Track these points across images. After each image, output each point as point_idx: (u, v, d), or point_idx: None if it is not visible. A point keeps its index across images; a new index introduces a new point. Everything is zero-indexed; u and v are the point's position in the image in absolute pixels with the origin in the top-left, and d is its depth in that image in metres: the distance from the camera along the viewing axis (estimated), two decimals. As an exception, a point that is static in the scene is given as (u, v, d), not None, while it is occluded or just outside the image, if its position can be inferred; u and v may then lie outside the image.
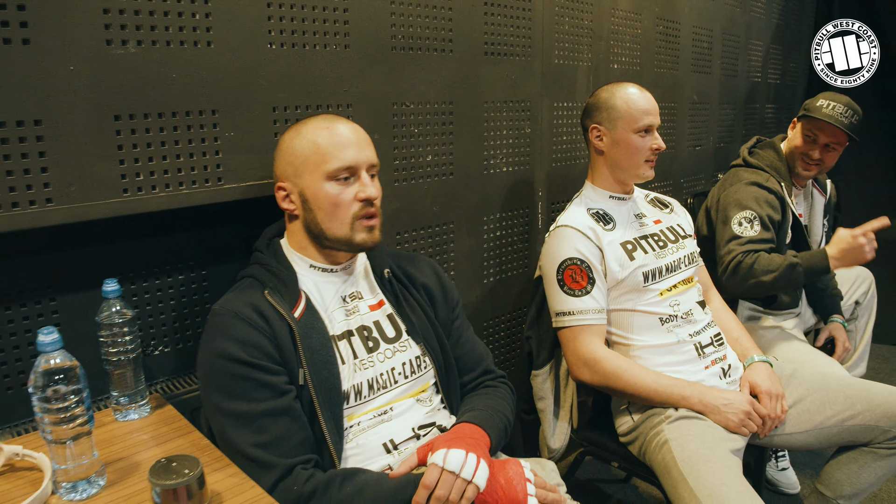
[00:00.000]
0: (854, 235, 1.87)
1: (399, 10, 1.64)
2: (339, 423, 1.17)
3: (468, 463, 1.10)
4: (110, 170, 1.21)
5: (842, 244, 1.89)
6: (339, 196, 1.22)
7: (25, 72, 1.10)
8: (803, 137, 2.24)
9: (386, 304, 1.34)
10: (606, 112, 1.76)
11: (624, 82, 1.80)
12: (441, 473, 1.09)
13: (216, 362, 1.13)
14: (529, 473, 1.18)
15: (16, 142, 1.11)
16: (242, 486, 1.05)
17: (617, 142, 1.75)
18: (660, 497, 2.36)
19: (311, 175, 1.23)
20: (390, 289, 1.35)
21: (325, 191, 1.22)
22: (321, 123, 1.25)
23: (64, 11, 1.12)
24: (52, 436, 0.99)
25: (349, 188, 1.23)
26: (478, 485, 1.10)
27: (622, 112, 1.74)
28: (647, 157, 1.76)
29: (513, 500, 1.13)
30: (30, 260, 1.27)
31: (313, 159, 1.22)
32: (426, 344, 1.33)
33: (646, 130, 1.74)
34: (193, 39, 1.27)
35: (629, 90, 1.76)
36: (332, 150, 1.22)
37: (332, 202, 1.22)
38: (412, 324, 1.32)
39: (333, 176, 1.22)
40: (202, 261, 1.50)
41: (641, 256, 1.74)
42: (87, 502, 1.01)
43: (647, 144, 1.74)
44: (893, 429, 1.62)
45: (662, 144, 1.76)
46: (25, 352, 1.28)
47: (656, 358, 1.71)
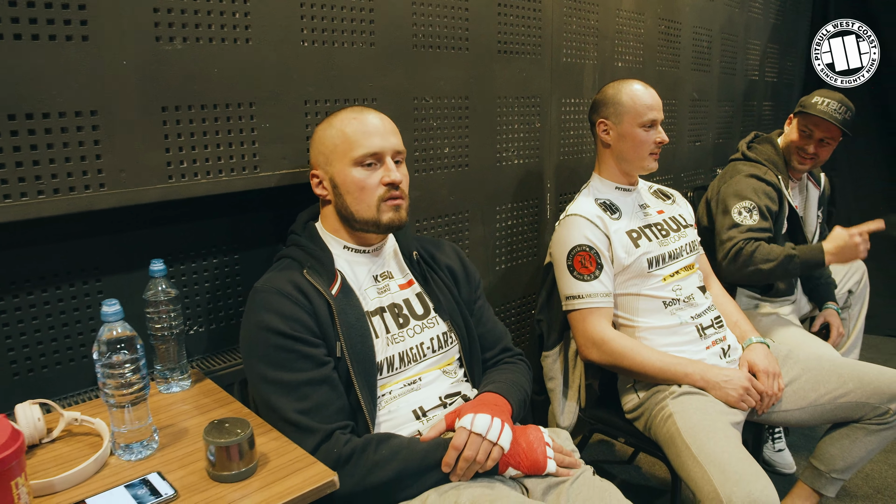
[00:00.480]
0: (851, 234, 1.98)
1: (420, 11, 1.73)
2: (373, 392, 1.27)
3: (493, 426, 1.20)
4: (157, 157, 1.31)
5: (838, 241, 2.00)
6: (366, 181, 1.32)
7: (84, 66, 1.19)
8: (799, 133, 2.34)
9: (415, 284, 1.43)
10: (613, 107, 1.86)
11: (629, 79, 1.90)
12: (469, 436, 1.18)
13: (261, 335, 1.22)
14: (548, 438, 1.28)
15: (74, 131, 1.20)
16: (286, 447, 1.14)
17: (623, 135, 1.85)
18: (662, 477, 2.47)
19: (340, 162, 1.33)
20: (419, 269, 1.44)
21: (352, 176, 1.32)
22: (350, 115, 1.35)
23: (119, 10, 1.21)
24: (113, 399, 1.08)
25: (375, 173, 1.32)
26: (502, 446, 1.20)
27: (628, 107, 1.84)
28: (652, 150, 1.86)
29: (533, 461, 1.23)
30: (77, 242, 1.35)
31: (342, 147, 1.32)
32: (452, 321, 1.42)
33: (650, 125, 1.84)
34: (234, 37, 1.37)
35: (634, 87, 1.86)
36: (358, 138, 1.31)
37: (358, 186, 1.32)
38: (439, 302, 1.42)
39: (360, 162, 1.31)
40: (235, 245, 1.59)
41: (646, 244, 1.83)
42: (143, 462, 1.10)
43: (651, 138, 1.84)
44: (883, 405, 1.73)
45: (665, 138, 1.86)
46: (73, 329, 1.37)
47: (660, 339, 1.81)
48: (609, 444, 2.69)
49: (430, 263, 1.47)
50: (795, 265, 2.02)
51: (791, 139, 2.36)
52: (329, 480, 1.05)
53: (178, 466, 1.08)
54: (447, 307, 1.42)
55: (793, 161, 2.37)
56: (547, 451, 1.25)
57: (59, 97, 1.17)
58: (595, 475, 1.30)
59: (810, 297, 2.50)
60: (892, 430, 1.75)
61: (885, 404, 1.73)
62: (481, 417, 1.21)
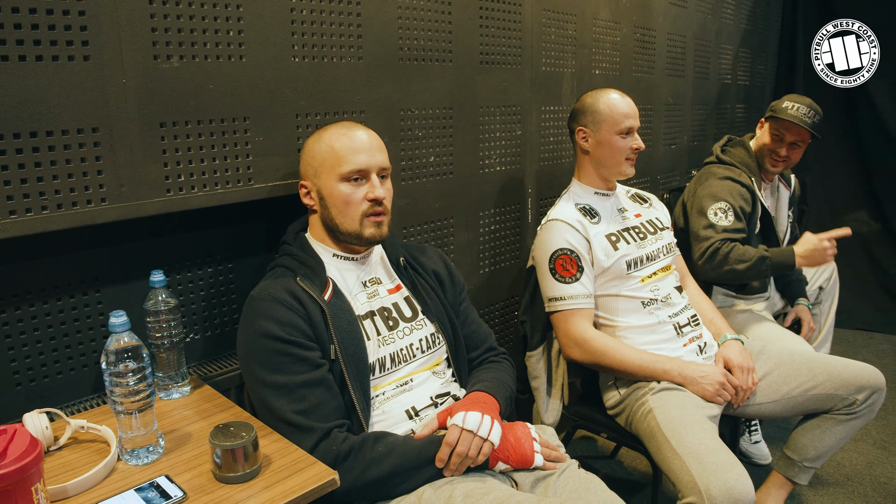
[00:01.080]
0: (820, 239, 2.11)
1: (406, 25, 1.79)
2: (366, 393, 1.33)
3: (484, 423, 1.27)
4: (156, 171, 1.35)
5: (808, 245, 2.13)
6: (351, 196, 1.38)
7: (86, 85, 1.23)
8: (771, 136, 2.43)
9: (403, 288, 1.50)
10: (591, 116, 1.94)
11: (607, 88, 1.98)
12: (461, 432, 1.25)
13: (258, 341, 1.28)
14: (535, 434, 1.35)
15: (76, 147, 1.24)
16: (287, 449, 1.20)
17: (601, 142, 1.93)
18: (643, 470, 2.55)
19: (327, 176, 1.39)
20: (406, 274, 1.51)
21: (339, 190, 1.38)
22: (340, 130, 1.41)
23: (118, 30, 1.26)
24: (122, 406, 1.12)
25: (360, 189, 1.39)
26: (493, 442, 1.27)
27: (605, 116, 1.92)
28: (628, 156, 1.94)
29: (522, 456, 1.30)
30: (80, 254, 1.39)
31: (330, 162, 1.38)
32: (439, 323, 1.49)
33: (627, 132, 1.92)
34: (228, 54, 1.42)
35: (611, 95, 1.94)
36: (346, 154, 1.37)
37: (344, 201, 1.38)
38: (427, 305, 1.49)
39: (347, 177, 1.38)
40: (229, 254, 1.64)
41: (624, 247, 1.91)
42: (150, 466, 1.14)
43: (627, 144, 1.92)
44: (850, 396, 1.82)
45: (642, 144, 1.94)
46: (74, 339, 1.41)
47: (639, 337, 1.89)
48: (591, 439, 2.77)
49: (416, 269, 1.53)
50: (767, 266, 2.12)
51: (763, 142, 2.46)
52: (330, 479, 1.10)
53: (184, 469, 1.13)
54: (434, 310, 1.49)
55: (765, 163, 2.46)
56: (534, 446, 1.32)
57: (62, 115, 1.21)
58: (580, 468, 1.37)
59: (783, 293, 2.60)
60: (859, 419, 1.85)
61: (853, 395, 1.82)
62: (472, 415, 1.28)
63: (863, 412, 1.84)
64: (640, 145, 1.94)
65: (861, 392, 1.82)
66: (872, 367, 1.87)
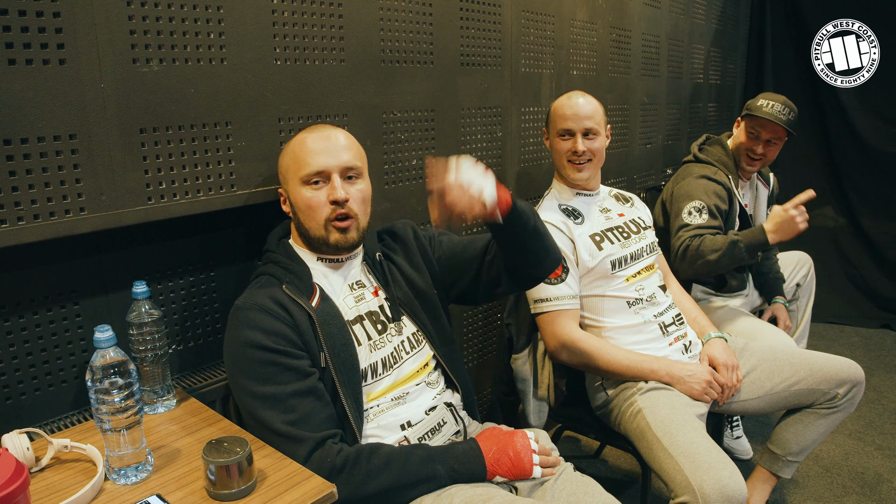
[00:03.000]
0: (786, 209, 2.08)
1: (387, 27, 1.77)
2: (358, 400, 1.30)
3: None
4: (137, 179, 1.31)
5: (776, 218, 2.09)
6: (312, 199, 1.34)
7: (62, 90, 1.18)
8: (747, 134, 2.46)
9: (382, 290, 1.46)
10: (548, 118, 1.99)
11: (575, 91, 1.99)
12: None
13: (245, 351, 1.24)
14: (535, 444, 1.34)
15: (53, 155, 1.19)
16: (281, 462, 1.16)
17: (551, 145, 1.98)
18: (627, 469, 2.56)
19: (292, 181, 1.37)
20: (381, 272, 1.47)
21: (302, 195, 1.35)
22: (304, 134, 1.38)
23: (95, 33, 1.21)
24: (109, 424, 1.08)
25: (321, 192, 1.35)
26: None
27: (551, 118, 1.96)
28: (570, 158, 1.93)
29: (521, 471, 1.30)
30: (57, 265, 1.34)
31: (293, 167, 1.36)
32: (415, 319, 1.46)
33: (564, 134, 1.92)
34: (209, 57, 1.38)
35: (563, 98, 1.96)
36: (305, 156, 1.34)
37: (307, 205, 1.35)
38: (402, 303, 1.46)
39: (306, 181, 1.34)
40: (210, 262, 1.59)
41: (608, 246, 1.91)
42: (140, 485, 1.10)
43: (564, 147, 1.93)
44: (831, 390, 1.85)
45: (579, 148, 1.90)
46: (52, 354, 1.35)
47: (625, 337, 1.89)
48: (575, 439, 2.77)
49: (391, 258, 1.49)
50: (741, 249, 2.10)
51: (740, 141, 2.49)
52: (329, 492, 1.08)
53: (176, 487, 1.09)
54: (408, 306, 1.46)
55: (742, 162, 2.49)
56: (533, 458, 1.31)
57: (38, 121, 1.16)
58: (576, 471, 1.36)
59: (760, 291, 2.64)
60: (840, 412, 1.88)
61: (834, 389, 1.85)
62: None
63: (843, 406, 1.87)
64: (576, 148, 1.91)
65: (842, 386, 1.85)
66: (852, 362, 1.91)
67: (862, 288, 4.31)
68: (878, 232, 4.26)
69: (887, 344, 3.82)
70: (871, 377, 3.34)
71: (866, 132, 4.20)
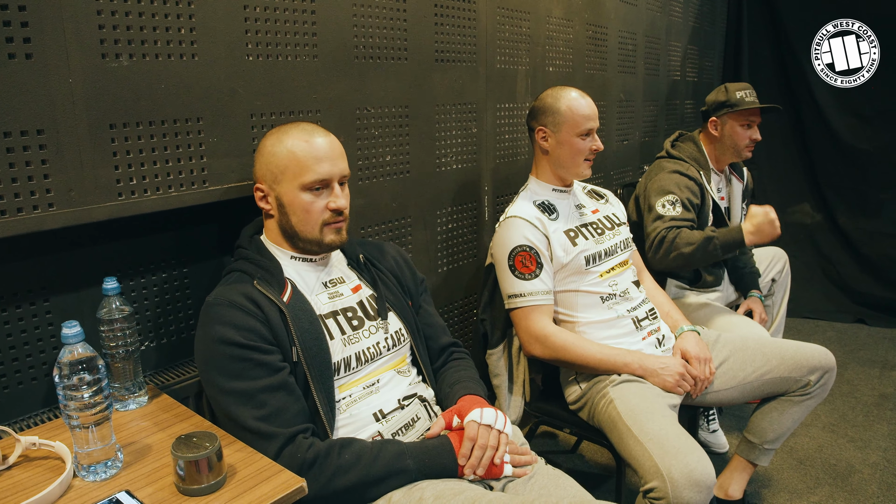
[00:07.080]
0: (766, 212, 2.09)
1: (361, 22, 1.77)
2: (330, 395, 1.31)
3: (498, 417, 1.35)
4: (107, 175, 1.30)
5: (755, 219, 2.10)
6: (312, 205, 1.35)
7: (28, 85, 1.17)
8: (741, 128, 2.48)
9: (364, 287, 1.48)
10: (552, 116, 1.94)
11: (567, 87, 1.98)
12: (479, 427, 1.32)
13: (215, 347, 1.24)
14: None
15: (20, 150, 1.18)
16: (252, 457, 1.17)
17: (561, 143, 1.94)
18: (604, 464, 2.59)
19: (288, 183, 1.35)
20: (367, 272, 1.49)
21: (300, 199, 1.35)
22: (301, 135, 1.36)
23: (63, 27, 1.20)
24: (77, 420, 1.08)
25: (321, 198, 1.36)
26: (507, 433, 1.35)
27: (566, 117, 1.92)
28: (587, 157, 1.96)
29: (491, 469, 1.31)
30: (26, 262, 1.34)
31: (292, 170, 1.35)
32: (403, 320, 1.48)
33: (587, 134, 1.93)
34: (180, 52, 1.37)
35: (572, 96, 1.95)
36: (308, 162, 1.34)
37: (305, 210, 1.35)
38: (391, 302, 1.48)
39: (308, 187, 1.35)
40: (183, 258, 1.59)
41: (583, 242, 1.93)
42: (110, 482, 1.10)
43: (587, 146, 1.94)
44: (803, 378, 1.89)
45: (601, 146, 1.96)
46: (21, 351, 1.35)
47: (599, 332, 1.91)
48: (552, 435, 2.79)
49: (376, 265, 1.52)
50: (715, 246, 2.12)
51: (733, 137, 2.49)
52: (298, 487, 1.08)
53: (145, 483, 1.09)
54: (398, 307, 1.49)
55: (744, 152, 2.50)
56: (504, 457, 1.33)
57: (5, 117, 1.15)
58: (548, 465, 1.37)
59: (736, 286, 2.67)
60: (813, 398, 1.93)
61: (806, 376, 1.89)
62: (488, 411, 1.34)
63: (816, 392, 1.91)
64: (598, 146, 1.96)
65: (814, 373, 1.89)
66: (823, 348, 1.95)
67: (837, 283, 4.37)
68: (854, 228, 4.32)
69: (861, 338, 3.88)
70: (845, 371, 3.40)
71: (842, 129, 4.26)
